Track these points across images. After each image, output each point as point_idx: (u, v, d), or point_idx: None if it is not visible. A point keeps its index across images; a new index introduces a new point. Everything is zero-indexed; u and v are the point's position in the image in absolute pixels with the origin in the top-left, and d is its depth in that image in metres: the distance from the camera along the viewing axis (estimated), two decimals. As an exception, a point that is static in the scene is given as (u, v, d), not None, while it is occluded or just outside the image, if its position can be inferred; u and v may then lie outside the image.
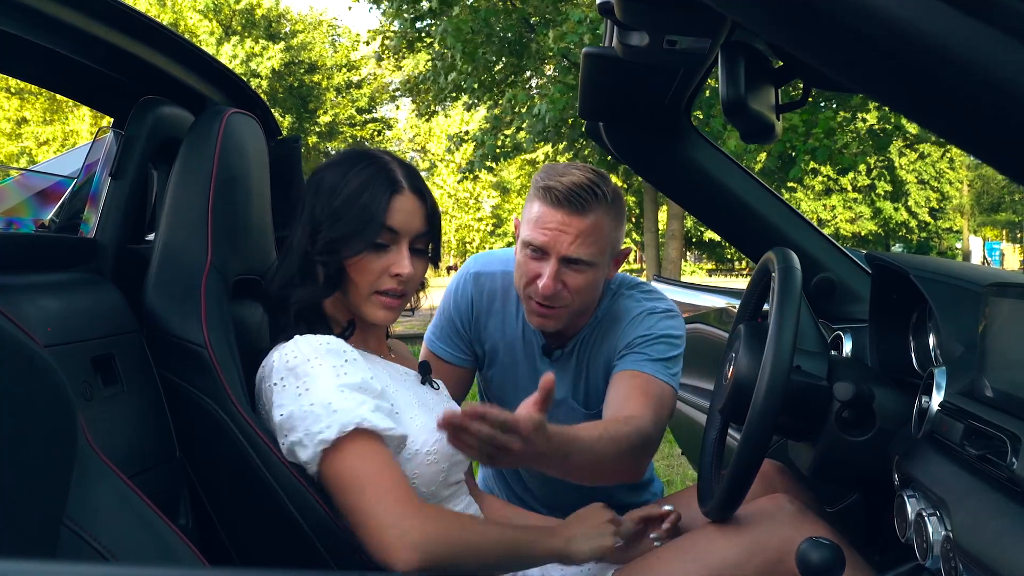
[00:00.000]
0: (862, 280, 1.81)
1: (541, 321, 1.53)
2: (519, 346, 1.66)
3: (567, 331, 1.61)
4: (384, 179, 1.25)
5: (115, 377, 1.16)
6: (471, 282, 1.69)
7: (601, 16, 1.13)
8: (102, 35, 1.20)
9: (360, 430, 1.11)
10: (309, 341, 1.19)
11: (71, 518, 0.77)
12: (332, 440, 1.11)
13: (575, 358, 1.63)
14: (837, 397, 1.30)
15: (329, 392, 1.13)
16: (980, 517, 0.90)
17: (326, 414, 1.12)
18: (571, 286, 1.48)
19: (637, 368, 1.51)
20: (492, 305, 1.67)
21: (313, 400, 1.13)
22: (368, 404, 1.14)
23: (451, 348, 1.69)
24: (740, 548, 1.29)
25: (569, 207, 1.43)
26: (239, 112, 1.39)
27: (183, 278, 1.25)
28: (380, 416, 1.15)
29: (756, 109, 0.97)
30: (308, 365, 1.16)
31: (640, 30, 1.09)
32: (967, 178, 34.42)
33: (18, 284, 1.10)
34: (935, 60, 0.45)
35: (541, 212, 1.46)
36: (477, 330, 1.68)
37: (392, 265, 1.25)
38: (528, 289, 1.51)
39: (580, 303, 1.52)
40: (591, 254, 1.46)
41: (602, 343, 1.61)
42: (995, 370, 1.03)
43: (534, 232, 1.47)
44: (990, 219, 37.12)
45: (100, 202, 1.33)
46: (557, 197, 1.43)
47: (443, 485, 1.27)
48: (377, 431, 1.13)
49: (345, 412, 1.11)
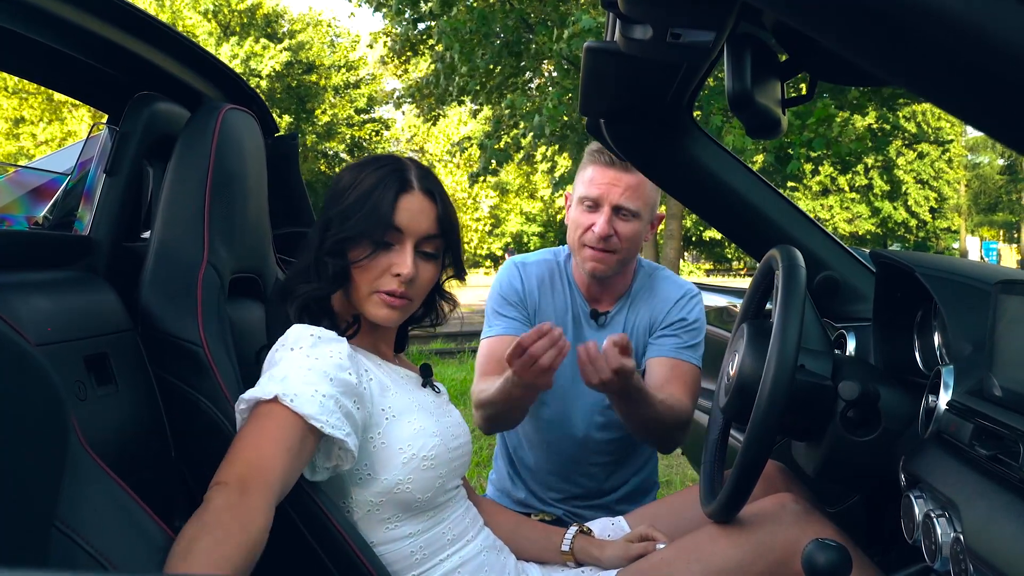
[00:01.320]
0: (865, 278, 1.80)
1: (594, 265, 1.78)
2: (568, 318, 1.87)
3: (609, 292, 1.87)
4: (395, 178, 1.23)
5: (109, 376, 1.14)
6: (516, 269, 1.91)
7: (604, 9, 1.11)
8: (97, 30, 1.18)
9: (280, 403, 1.05)
10: (303, 329, 1.16)
11: (62, 520, 0.76)
12: (249, 401, 1.07)
13: (616, 323, 1.87)
14: (842, 396, 1.28)
15: (290, 368, 1.09)
16: (992, 519, 0.88)
17: (266, 381, 1.08)
18: (620, 233, 1.75)
19: (677, 356, 1.79)
20: (541, 287, 1.89)
21: (275, 373, 1.09)
22: (322, 391, 1.08)
23: (515, 320, 1.85)
24: (745, 549, 1.28)
25: (619, 166, 1.74)
26: (235, 108, 1.37)
27: (179, 276, 1.24)
28: (322, 406, 1.07)
29: (763, 103, 0.95)
30: (287, 351, 1.13)
31: (643, 23, 1.07)
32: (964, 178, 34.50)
33: (10, 282, 1.08)
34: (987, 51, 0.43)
35: (594, 172, 1.77)
36: (532, 306, 1.89)
37: (394, 264, 1.23)
38: (584, 237, 1.77)
39: (627, 250, 1.78)
40: (637, 206, 1.75)
41: (640, 309, 1.87)
42: (1004, 369, 1.01)
43: (589, 188, 1.76)
44: (987, 219, 37.21)
45: (95, 199, 1.31)
46: (610, 158, 1.74)
47: (440, 491, 1.25)
48: (299, 414, 1.05)
49: (279, 382, 1.07)
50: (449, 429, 1.28)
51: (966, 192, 35.28)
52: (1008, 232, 38.92)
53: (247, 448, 1.03)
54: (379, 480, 1.17)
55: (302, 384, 1.08)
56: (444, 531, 1.26)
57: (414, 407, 1.24)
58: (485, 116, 12.77)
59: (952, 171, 32.03)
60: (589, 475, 1.89)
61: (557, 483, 1.91)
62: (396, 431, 1.19)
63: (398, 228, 1.22)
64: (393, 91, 18.16)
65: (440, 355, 7.96)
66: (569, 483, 1.90)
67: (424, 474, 1.20)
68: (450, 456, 1.26)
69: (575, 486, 1.90)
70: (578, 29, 9.06)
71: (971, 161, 36.67)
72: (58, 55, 1.23)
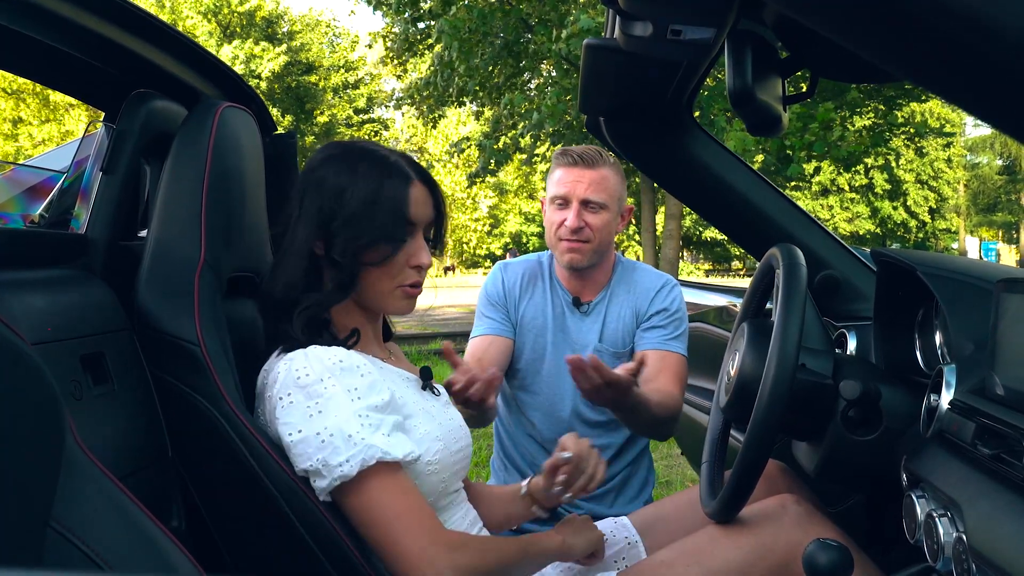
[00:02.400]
0: (866, 277, 1.79)
1: (571, 256, 1.88)
2: (549, 309, 1.98)
3: (590, 285, 1.97)
4: (395, 173, 1.23)
5: (105, 376, 1.13)
6: (500, 272, 2.04)
7: (603, 7, 1.10)
8: (93, 27, 1.17)
9: (382, 463, 1.09)
10: (320, 357, 1.14)
11: (58, 520, 0.75)
12: (353, 475, 1.08)
13: (598, 311, 1.97)
14: (843, 396, 1.28)
15: (346, 420, 1.10)
16: (995, 518, 0.88)
17: (345, 446, 1.08)
18: (591, 224, 1.86)
19: (665, 347, 1.90)
20: (522, 285, 2.01)
21: (329, 427, 1.09)
22: (385, 427, 1.12)
23: (497, 320, 1.97)
24: (746, 550, 1.27)
25: (582, 163, 1.86)
26: (233, 106, 1.36)
27: (176, 275, 1.23)
28: (398, 441, 1.13)
29: (764, 100, 0.95)
30: (321, 385, 1.12)
31: (644, 20, 1.07)
32: (964, 178, 34.51)
33: (6, 281, 1.07)
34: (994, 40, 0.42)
35: (561, 173, 1.89)
36: (513, 305, 2.00)
37: (412, 257, 1.24)
38: (558, 232, 1.88)
39: (599, 240, 1.88)
40: (603, 198, 1.86)
41: (622, 298, 1.97)
42: (1006, 368, 1.00)
43: (557, 188, 1.88)
44: (986, 219, 37.24)
45: (91, 198, 1.30)
46: (572, 158, 1.87)
47: (443, 494, 1.24)
48: (397, 461, 1.11)
49: (364, 444, 1.08)
50: (451, 433, 1.27)
51: (965, 192, 35.30)
52: (1007, 232, 38.94)
53: (403, 521, 1.10)
54: None
55: (369, 431, 1.10)
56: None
57: (418, 411, 1.23)
58: (485, 118, 12.77)
59: (951, 171, 32.08)
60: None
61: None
62: (407, 435, 1.19)
63: (411, 222, 1.23)
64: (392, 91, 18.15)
65: (440, 355, 7.95)
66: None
67: (428, 479, 1.19)
68: (453, 460, 1.25)
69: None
70: (576, 29, 9.06)
71: (970, 161, 36.70)
72: (55, 53, 1.22)
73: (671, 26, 1.05)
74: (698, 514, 1.39)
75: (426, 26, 12.70)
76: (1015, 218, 36.58)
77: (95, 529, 0.79)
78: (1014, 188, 35.98)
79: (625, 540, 1.51)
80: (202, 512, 1.21)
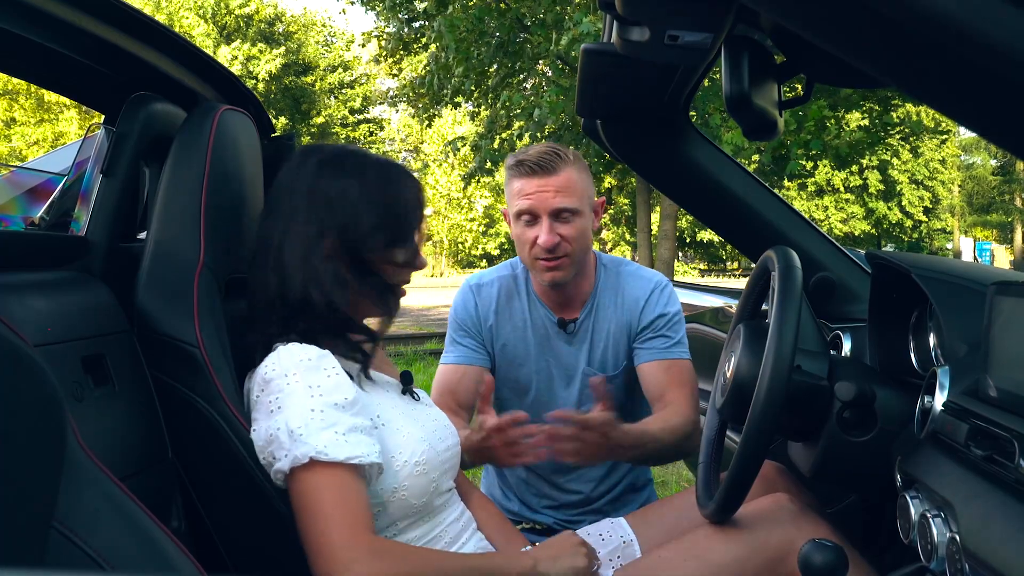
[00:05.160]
0: (861, 279, 1.80)
1: (552, 275, 1.72)
2: (530, 332, 1.83)
3: (574, 297, 1.81)
4: (402, 175, 1.26)
5: (106, 377, 1.14)
6: (472, 292, 1.86)
7: (601, 11, 1.11)
8: (92, 29, 1.17)
9: (315, 462, 1.07)
10: (292, 353, 1.14)
11: (60, 521, 0.76)
12: (286, 471, 1.08)
13: (585, 330, 1.82)
14: (839, 397, 1.28)
15: (296, 416, 1.09)
16: (988, 519, 0.89)
17: (288, 441, 1.08)
18: (566, 235, 1.69)
19: (667, 357, 1.76)
20: (498, 308, 1.84)
21: (279, 422, 1.09)
22: (341, 427, 1.09)
23: (470, 348, 1.82)
24: (741, 548, 1.28)
25: (542, 171, 1.67)
26: (232, 109, 1.37)
27: (175, 277, 1.23)
28: (354, 441, 1.09)
29: (760, 105, 0.96)
30: (284, 381, 1.12)
31: (641, 25, 1.08)
32: (959, 178, 34.57)
33: (7, 283, 1.07)
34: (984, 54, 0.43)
35: (521, 184, 1.70)
36: (488, 332, 1.84)
37: (417, 258, 1.28)
38: (533, 251, 1.71)
39: (578, 250, 1.72)
40: (573, 203, 1.69)
41: (609, 311, 1.81)
42: (1000, 370, 1.01)
43: (521, 201, 1.69)
44: (981, 220, 37.30)
45: (91, 200, 1.31)
46: (530, 167, 1.68)
47: (435, 494, 1.24)
48: (336, 462, 1.07)
49: (301, 441, 1.07)
50: (435, 432, 1.28)
51: (960, 193, 35.36)
52: (1002, 233, 39.02)
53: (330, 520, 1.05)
54: (375, 489, 1.16)
55: (321, 430, 1.08)
56: (440, 535, 1.25)
57: (398, 415, 1.24)
58: (481, 118, 12.76)
59: (946, 171, 32.14)
60: (580, 477, 1.88)
61: (548, 490, 1.89)
62: (387, 438, 1.18)
63: (419, 225, 1.28)
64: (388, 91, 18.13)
65: (435, 355, 7.96)
66: (559, 490, 1.88)
67: (417, 480, 1.19)
68: (440, 459, 1.25)
69: (566, 493, 1.88)
70: (577, 33, 9.06)
71: (965, 162, 36.76)
72: (54, 55, 1.23)
73: (668, 31, 1.06)
74: (694, 514, 1.40)
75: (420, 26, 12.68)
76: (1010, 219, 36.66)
77: (97, 529, 0.79)
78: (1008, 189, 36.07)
79: (621, 539, 1.52)
80: (202, 512, 1.22)
